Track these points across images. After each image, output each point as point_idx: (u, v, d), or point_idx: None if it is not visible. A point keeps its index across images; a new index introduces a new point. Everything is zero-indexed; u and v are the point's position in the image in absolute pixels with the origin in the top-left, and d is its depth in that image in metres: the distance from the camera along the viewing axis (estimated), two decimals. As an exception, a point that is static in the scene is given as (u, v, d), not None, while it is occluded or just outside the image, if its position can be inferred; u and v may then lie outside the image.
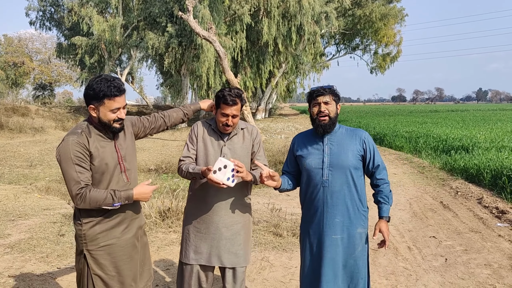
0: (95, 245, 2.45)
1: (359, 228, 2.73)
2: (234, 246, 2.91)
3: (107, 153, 2.47)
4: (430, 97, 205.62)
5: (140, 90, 52.10)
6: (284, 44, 28.24)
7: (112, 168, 2.48)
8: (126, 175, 2.56)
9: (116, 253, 2.50)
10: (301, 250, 2.88)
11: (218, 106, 2.87)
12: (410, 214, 6.82)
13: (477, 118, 31.38)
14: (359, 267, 2.72)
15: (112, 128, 2.47)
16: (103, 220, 2.46)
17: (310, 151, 2.77)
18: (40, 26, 34.65)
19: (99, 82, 2.39)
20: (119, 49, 30.12)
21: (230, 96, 2.81)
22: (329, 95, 2.71)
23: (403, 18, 39.87)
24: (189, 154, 2.94)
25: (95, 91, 2.38)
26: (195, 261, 2.91)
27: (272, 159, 12.86)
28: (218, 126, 2.91)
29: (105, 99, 2.39)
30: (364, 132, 2.79)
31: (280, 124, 29.92)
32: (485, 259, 4.86)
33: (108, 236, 2.47)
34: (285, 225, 5.83)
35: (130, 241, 2.58)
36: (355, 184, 2.73)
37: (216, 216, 2.89)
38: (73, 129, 2.48)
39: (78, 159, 2.35)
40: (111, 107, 2.42)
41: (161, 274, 4.37)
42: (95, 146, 2.43)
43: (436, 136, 15.98)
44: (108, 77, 2.43)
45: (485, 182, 8.69)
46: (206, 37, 16.04)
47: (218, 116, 2.88)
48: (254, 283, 4.19)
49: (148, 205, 6.19)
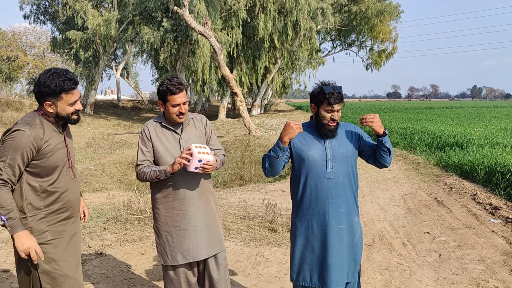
0: (43, 238, 2.39)
1: (355, 217, 2.83)
2: (215, 233, 2.93)
3: (59, 148, 2.44)
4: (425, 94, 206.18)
5: (135, 85, 52.03)
6: (280, 40, 28.23)
7: (62, 164, 2.46)
8: (73, 171, 2.53)
9: (63, 246, 2.46)
10: (295, 244, 2.86)
11: (165, 100, 2.81)
12: (405, 210, 6.85)
13: (472, 115, 31.51)
14: (357, 254, 2.83)
15: (71, 121, 2.47)
16: (50, 214, 2.41)
17: (311, 144, 2.79)
18: (34, 20, 34.46)
19: (52, 77, 2.34)
20: (114, 44, 30.00)
21: (173, 85, 2.78)
22: (341, 102, 2.74)
23: (399, 14, 39.98)
24: (145, 157, 2.85)
25: (51, 87, 2.33)
26: (184, 260, 2.83)
27: (267, 155, 12.87)
28: (172, 118, 2.84)
29: (63, 93, 2.36)
30: (354, 124, 2.93)
31: (276, 120, 29.91)
32: (479, 255, 4.89)
33: (56, 230, 2.44)
34: (280, 221, 5.84)
35: (75, 238, 2.57)
36: (354, 175, 2.83)
37: (192, 207, 2.85)
38: (26, 119, 2.39)
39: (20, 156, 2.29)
40: (69, 101, 2.39)
41: (157, 268, 4.37)
42: (48, 140, 2.38)
43: (430, 133, 16.04)
44: (59, 71, 2.38)
45: (479, 178, 8.74)
46: (202, 32, 15.99)
47: (169, 109, 2.81)
48: (249, 278, 4.19)
49: (143, 200, 6.19)
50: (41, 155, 2.35)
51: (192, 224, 2.85)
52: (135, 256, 4.70)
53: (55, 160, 2.40)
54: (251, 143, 15.40)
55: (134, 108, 40.37)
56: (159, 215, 2.91)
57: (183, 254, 2.83)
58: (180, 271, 2.87)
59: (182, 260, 2.83)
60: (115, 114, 32.99)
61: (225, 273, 2.99)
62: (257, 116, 34.61)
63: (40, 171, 2.37)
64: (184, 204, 2.84)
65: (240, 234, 5.43)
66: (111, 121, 27.99)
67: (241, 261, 4.61)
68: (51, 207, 2.41)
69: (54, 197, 2.42)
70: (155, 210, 2.94)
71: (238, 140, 16.07)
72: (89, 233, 5.38)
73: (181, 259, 2.83)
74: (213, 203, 2.99)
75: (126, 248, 4.93)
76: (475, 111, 39.83)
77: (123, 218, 5.84)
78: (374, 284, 4.11)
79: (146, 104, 44.39)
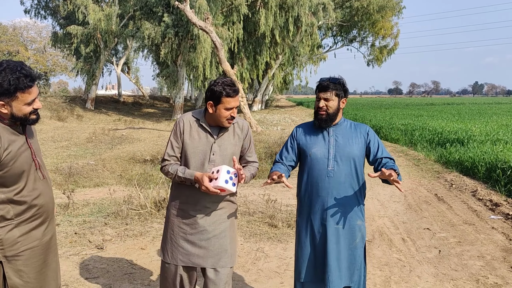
0: (15, 250, 2.17)
1: (358, 220, 2.79)
2: (222, 246, 2.74)
3: (22, 151, 2.19)
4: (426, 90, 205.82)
5: (136, 81, 51.94)
6: (281, 36, 28.16)
7: (28, 167, 2.22)
8: (42, 172, 2.31)
9: (37, 256, 2.26)
10: (298, 239, 2.88)
11: (218, 102, 2.62)
12: (405, 206, 6.85)
13: (473, 112, 31.47)
14: (356, 257, 2.78)
15: (29, 121, 2.19)
16: (22, 223, 2.20)
17: (315, 141, 2.80)
18: (35, 15, 34.36)
19: (4, 73, 2.03)
20: (115, 39, 29.93)
21: (230, 87, 2.62)
22: (333, 91, 2.73)
23: (401, 10, 39.86)
24: (173, 153, 2.73)
25: (3, 86, 2.03)
26: (183, 263, 2.73)
27: (268, 151, 12.86)
28: (220, 122, 2.67)
29: (18, 92, 2.07)
30: (368, 126, 2.87)
31: (277, 116, 29.90)
32: (478, 251, 4.90)
33: (30, 239, 2.22)
34: (280, 216, 5.84)
35: (50, 243, 2.38)
36: (358, 177, 2.78)
37: (203, 215, 2.72)
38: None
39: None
40: (26, 100, 2.11)
41: (158, 263, 4.38)
42: (7, 148, 2.11)
43: (431, 129, 16.02)
44: (12, 65, 2.07)
45: (480, 175, 8.73)
46: (203, 27, 15.96)
47: (220, 111, 2.63)
48: (249, 273, 4.21)
49: (144, 196, 6.19)
50: (3, 165, 2.10)
51: (199, 231, 2.71)
52: (135, 251, 4.71)
53: (20, 166, 2.16)
54: (252, 139, 15.39)
55: (135, 104, 40.31)
56: (170, 212, 2.82)
57: (183, 257, 2.73)
58: (177, 271, 2.76)
59: (181, 262, 2.74)
60: (116, 109, 32.97)
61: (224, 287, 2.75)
62: (258, 112, 34.60)
63: (5, 181, 2.13)
64: (195, 209, 2.72)
65: (240, 230, 5.44)
66: (112, 116, 27.98)
67: (241, 256, 4.61)
68: (23, 216, 2.20)
69: (25, 206, 2.21)
70: (169, 206, 2.85)
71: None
72: (89, 228, 5.39)
73: (180, 261, 2.74)
74: (228, 214, 2.79)
75: (127, 243, 4.94)
76: (476, 108, 39.79)
77: (124, 213, 5.85)
78: (374, 280, 4.12)
79: (147, 100, 44.33)
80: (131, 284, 3.90)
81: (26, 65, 2.12)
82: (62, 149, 14.05)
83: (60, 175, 9.33)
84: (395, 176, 2.47)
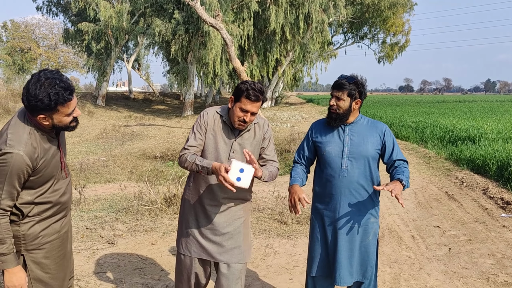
0: (36, 244, 2.24)
1: (371, 217, 2.80)
2: (236, 242, 2.75)
3: (53, 156, 2.24)
4: (437, 87, 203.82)
5: (147, 77, 52.17)
6: (292, 32, 28.06)
7: (56, 171, 2.28)
8: (65, 171, 2.37)
9: (56, 248, 2.35)
10: (311, 234, 2.92)
11: (237, 100, 2.60)
12: (415, 203, 6.83)
13: (485, 109, 31.15)
14: (369, 254, 2.80)
15: (69, 129, 2.23)
16: (44, 220, 2.26)
17: (330, 139, 2.80)
18: (47, 12, 34.66)
19: (43, 89, 2.01)
20: (126, 36, 30.08)
21: (254, 91, 2.56)
22: (345, 90, 2.69)
23: (412, 7, 39.46)
24: (195, 144, 2.67)
25: (44, 102, 2.01)
26: (197, 255, 2.77)
27: (278, 147, 12.88)
28: (233, 120, 2.65)
29: (59, 106, 2.06)
30: (385, 125, 2.84)
31: (287, 113, 29.86)
32: (489, 249, 4.87)
33: (49, 233, 2.30)
34: (289, 213, 5.85)
35: (67, 234, 2.47)
36: (372, 175, 2.78)
37: (218, 211, 2.73)
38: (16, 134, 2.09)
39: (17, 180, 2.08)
40: (67, 112, 2.12)
41: (168, 258, 4.42)
42: (42, 155, 2.16)
43: (442, 127, 15.91)
44: (51, 78, 2.04)
45: (491, 173, 8.66)
46: (214, 24, 15.97)
47: (235, 110, 2.61)
48: (259, 269, 4.23)
49: (154, 192, 6.24)
50: (36, 172, 2.16)
51: (214, 226, 2.73)
52: (146, 246, 4.76)
53: (50, 171, 2.23)
54: (262, 136, 15.40)
55: (145, 100, 40.50)
56: (185, 204, 2.84)
57: (198, 249, 2.76)
58: (192, 263, 2.80)
59: (195, 254, 2.77)
60: (126, 106, 33.16)
61: (236, 284, 2.75)
62: (268, 109, 34.59)
63: (33, 184, 2.19)
64: (211, 204, 2.73)
65: (250, 226, 5.46)
66: (122, 112, 28.16)
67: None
68: (45, 213, 2.27)
69: (47, 205, 2.27)
70: (184, 197, 2.86)
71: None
72: (100, 223, 5.45)
73: (194, 253, 2.77)
74: (243, 212, 2.81)
75: (137, 238, 4.99)
76: (488, 105, 39.37)
77: (134, 209, 5.90)
78: (384, 276, 4.12)
79: (157, 96, 44.50)
80: (141, 279, 3.95)
81: (62, 76, 2.10)
82: (73, 145, 14.19)
83: (72, 170, 9.43)
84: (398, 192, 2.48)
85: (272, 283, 3.95)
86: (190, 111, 27.61)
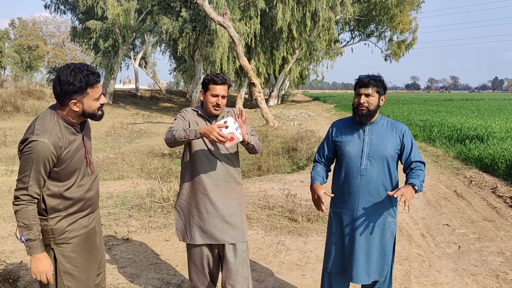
0: (64, 238, 2.35)
1: (389, 217, 2.83)
2: (235, 222, 3.01)
3: (78, 150, 2.36)
4: (444, 85, 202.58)
5: (153, 75, 52.38)
6: (298, 30, 28.08)
7: (80, 165, 2.38)
8: (91, 168, 2.48)
9: (84, 243, 2.44)
10: (329, 231, 2.98)
11: (206, 89, 2.99)
12: (424, 202, 6.87)
13: (493, 108, 31.00)
14: (386, 252, 2.84)
15: (96, 117, 2.37)
16: (70, 215, 2.36)
17: (350, 139, 2.85)
18: (55, 10, 34.94)
19: (74, 73, 2.21)
20: (133, 34, 30.22)
21: (217, 76, 2.97)
22: (373, 87, 2.76)
23: (419, 4, 39.31)
24: (180, 124, 2.97)
25: (76, 84, 2.21)
26: (202, 241, 2.98)
27: (285, 146, 12.94)
28: (208, 108, 2.98)
29: (88, 88, 2.25)
30: (404, 125, 2.87)
31: (293, 111, 29.88)
32: (498, 247, 4.92)
33: (77, 228, 2.40)
34: (300, 211, 5.92)
35: (95, 229, 2.55)
36: (391, 175, 2.81)
37: (214, 194, 2.97)
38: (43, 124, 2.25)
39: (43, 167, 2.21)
40: (95, 95, 2.30)
41: (182, 254, 4.51)
42: (67, 147, 2.29)
43: (450, 125, 15.89)
44: (79, 66, 2.26)
45: (500, 172, 8.68)
46: (221, 22, 16.04)
47: (207, 98, 2.98)
48: (271, 265, 4.31)
49: (167, 189, 6.33)
50: (60, 162, 2.27)
51: (212, 209, 2.97)
52: (159, 242, 4.85)
53: (75, 164, 2.34)
54: (269, 134, 15.48)
55: (152, 98, 40.69)
56: (183, 194, 3.07)
57: (202, 235, 2.99)
58: (201, 251, 3.03)
59: (200, 240, 2.99)
60: (133, 104, 33.34)
61: (243, 265, 3.01)
62: (274, 107, 34.62)
63: (60, 176, 2.30)
64: (206, 189, 2.96)
65: (261, 223, 5.54)
66: (129, 110, 28.31)
67: (262, 249, 4.72)
68: (71, 209, 2.37)
69: (73, 201, 2.37)
70: (181, 188, 3.09)
71: (256, 130, 16.15)
72: (114, 219, 5.55)
73: (199, 239, 2.99)
74: (236, 194, 3.07)
75: (151, 234, 5.08)
76: (496, 104, 39.15)
77: (147, 205, 6.00)
78: (394, 274, 4.18)
79: (164, 94, 44.69)
80: (157, 274, 4.04)
81: (89, 65, 2.30)
82: (83, 142, 14.29)
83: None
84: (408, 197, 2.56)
85: (284, 279, 4.02)
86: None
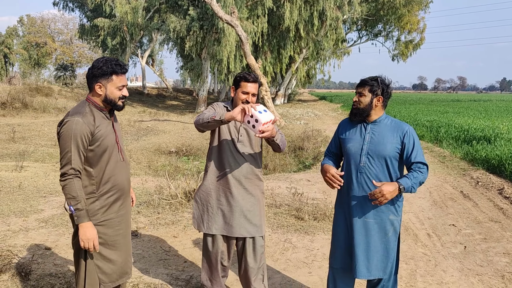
0: (95, 220, 2.55)
1: (391, 215, 2.85)
2: (253, 217, 3.11)
3: (108, 133, 2.60)
4: (452, 86, 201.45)
5: (160, 73, 52.50)
6: (306, 29, 28.08)
7: (112, 148, 2.61)
8: (122, 155, 2.70)
9: (113, 227, 2.64)
10: (333, 227, 3.06)
11: (237, 86, 3.07)
12: (430, 202, 6.89)
13: (500, 109, 30.83)
14: (389, 250, 2.88)
15: (117, 106, 2.62)
16: (102, 197, 2.58)
17: (352, 137, 2.92)
18: (63, 7, 35.15)
19: (105, 61, 2.54)
20: (141, 32, 30.34)
21: (249, 74, 3.06)
22: (367, 86, 2.83)
23: (428, 4, 39.14)
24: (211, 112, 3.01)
25: (103, 69, 2.51)
26: (219, 232, 3.11)
27: (291, 145, 12.97)
28: (237, 105, 3.02)
29: (113, 75, 2.54)
30: (408, 126, 2.86)
31: (300, 110, 29.89)
32: (504, 248, 4.93)
33: (107, 212, 2.61)
34: (306, 209, 5.96)
35: (125, 217, 2.74)
36: (391, 175, 2.83)
37: (235, 188, 3.08)
38: (77, 109, 2.55)
39: (81, 142, 2.45)
40: (118, 84, 2.56)
41: (190, 251, 4.57)
42: (99, 126, 2.54)
43: (457, 126, 15.86)
44: (111, 58, 2.58)
45: (507, 173, 8.67)
46: (229, 21, 16.09)
47: (238, 95, 3.06)
48: (278, 263, 4.36)
49: (174, 186, 6.39)
50: (94, 140, 2.51)
51: (232, 203, 3.08)
52: (168, 238, 4.91)
53: (106, 144, 2.56)
54: (276, 133, 15.47)
55: (159, 96, 40.81)
56: (204, 186, 3.18)
57: (218, 227, 3.11)
58: (216, 242, 3.15)
59: (217, 232, 3.11)
60: (140, 101, 33.47)
61: (260, 260, 3.15)
62: (281, 106, 34.64)
63: (93, 156, 2.53)
64: (228, 183, 3.08)
65: (268, 221, 5.59)
66: (136, 108, 28.43)
67: (269, 246, 4.77)
68: (102, 189, 2.58)
69: (104, 181, 2.58)
70: (204, 179, 3.21)
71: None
72: (123, 215, 5.61)
73: (216, 230, 3.11)
74: (257, 190, 3.19)
75: (159, 231, 5.14)
76: (504, 105, 38.93)
77: (155, 202, 6.06)
78: (400, 272, 4.21)
79: (171, 92, 44.81)
80: (166, 269, 4.10)
81: (120, 60, 2.61)
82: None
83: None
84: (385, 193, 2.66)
85: (291, 276, 4.07)
86: (204, 107, 27.78)
